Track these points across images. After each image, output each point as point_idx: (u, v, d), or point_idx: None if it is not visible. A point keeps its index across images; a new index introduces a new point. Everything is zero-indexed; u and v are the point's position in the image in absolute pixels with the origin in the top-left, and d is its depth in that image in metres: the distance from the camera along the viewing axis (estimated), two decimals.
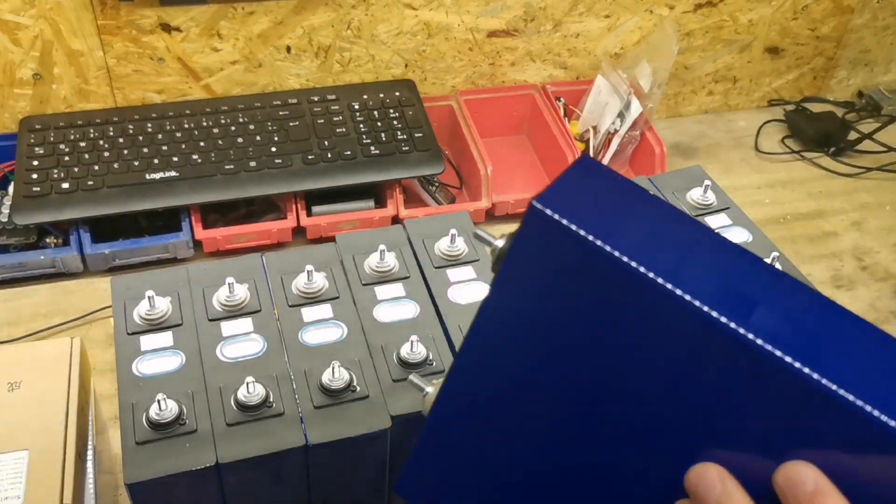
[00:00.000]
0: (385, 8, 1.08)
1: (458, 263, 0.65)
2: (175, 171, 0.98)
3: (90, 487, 0.65)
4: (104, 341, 0.84)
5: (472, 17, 1.12)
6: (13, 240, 0.95)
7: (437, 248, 0.66)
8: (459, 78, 1.18)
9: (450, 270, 0.65)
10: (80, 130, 1.01)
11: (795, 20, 1.24)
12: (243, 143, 1.02)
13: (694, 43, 1.22)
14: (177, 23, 1.03)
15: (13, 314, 0.86)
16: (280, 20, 1.06)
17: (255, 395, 0.54)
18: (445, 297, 0.63)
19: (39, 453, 0.60)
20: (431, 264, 0.65)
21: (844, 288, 0.96)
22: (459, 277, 0.64)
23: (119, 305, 0.60)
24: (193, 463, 0.51)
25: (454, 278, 0.64)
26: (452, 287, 0.63)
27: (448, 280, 0.64)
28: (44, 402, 0.64)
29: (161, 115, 1.04)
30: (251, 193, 0.98)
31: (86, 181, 0.96)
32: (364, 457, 0.56)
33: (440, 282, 0.64)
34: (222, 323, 0.60)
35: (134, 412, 0.53)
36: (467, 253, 0.66)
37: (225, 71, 1.08)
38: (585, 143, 1.13)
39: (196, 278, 0.62)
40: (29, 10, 0.97)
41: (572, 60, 1.20)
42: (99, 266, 0.94)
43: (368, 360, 0.58)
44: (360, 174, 1.01)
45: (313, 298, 0.61)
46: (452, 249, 0.65)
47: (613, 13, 1.17)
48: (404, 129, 1.06)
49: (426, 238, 0.67)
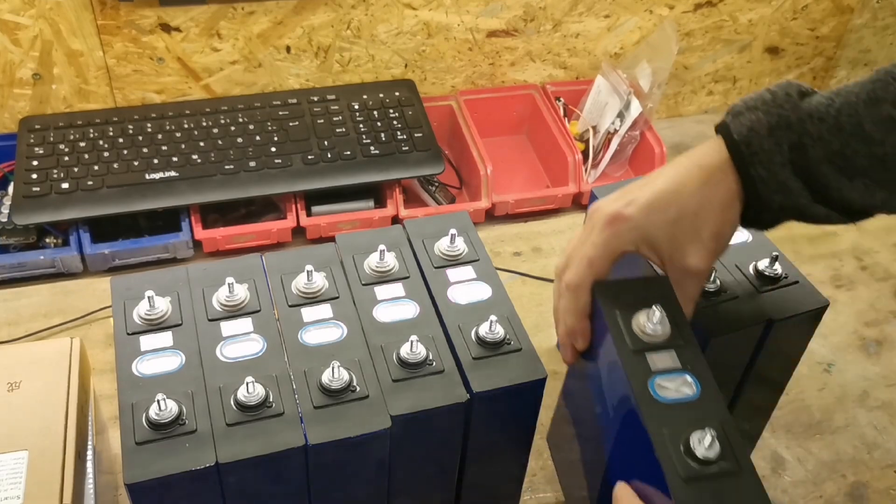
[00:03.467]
0: (385, 8, 1.08)
1: (457, 263, 0.65)
2: (175, 171, 0.98)
3: (90, 487, 0.65)
4: (104, 341, 0.84)
5: (471, 17, 1.12)
6: (13, 240, 0.95)
7: (437, 248, 0.66)
8: (459, 78, 1.18)
9: (449, 270, 0.65)
10: (79, 130, 1.01)
11: (795, 20, 1.24)
12: (243, 143, 1.02)
13: (694, 43, 1.22)
14: (177, 23, 1.03)
15: (13, 314, 0.86)
16: (280, 20, 1.06)
17: (254, 395, 0.54)
18: (445, 296, 0.63)
19: (39, 453, 0.60)
20: (431, 264, 0.65)
21: (844, 288, 0.96)
22: (459, 277, 0.64)
23: (119, 305, 0.60)
24: (193, 463, 0.51)
25: (454, 278, 0.64)
26: (452, 287, 0.63)
27: (448, 280, 0.64)
28: (44, 402, 0.64)
29: (161, 115, 1.04)
30: (251, 193, 0.98)
31: (85, 181, 0.96)
32: (364, 457, 0.56)
33: (440, 282, 0.64)
34: (222, 323, 0.59)
35: (134, 412, 0.53)
36: (467, 253, 0.66)
37: (225, 71, 1.08)
38: (585, 143, 1.13)
39: (196, 278, 0.62)
40: (29, 10, 0.97)
41: (572, 60, 1.20)
42: (99, 266, 0.94)
43: (368, 360, 0.58)
44: (359, 174, 1.01)
45: (313, 298, 0.61)
46: (452, 249, 0.65)
47: (613, 13, 1.17)
48: (404, 129, 1.06)
49: (426, 238, 0.67)
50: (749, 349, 0.64)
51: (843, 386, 0.85)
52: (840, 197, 0.54)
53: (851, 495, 0.75)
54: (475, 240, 0.67)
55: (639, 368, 0.51)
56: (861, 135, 0.52)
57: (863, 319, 0.92)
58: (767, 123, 0.54)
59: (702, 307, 0.62)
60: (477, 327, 0.59)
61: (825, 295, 0.65)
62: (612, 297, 0.55)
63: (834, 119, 0.53)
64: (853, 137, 0.52)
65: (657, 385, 0.50)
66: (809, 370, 0.86)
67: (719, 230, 0.55)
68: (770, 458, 0.78)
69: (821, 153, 0.53)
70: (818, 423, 0.81)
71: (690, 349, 0.52)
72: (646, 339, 0.52)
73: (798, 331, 0.66)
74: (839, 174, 0.53)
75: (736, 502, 0.46)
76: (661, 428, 0.48)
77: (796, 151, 0.53)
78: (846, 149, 0.52)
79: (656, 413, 0.49)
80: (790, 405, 0.82)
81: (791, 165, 0.54)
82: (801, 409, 0.82)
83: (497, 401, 0.57)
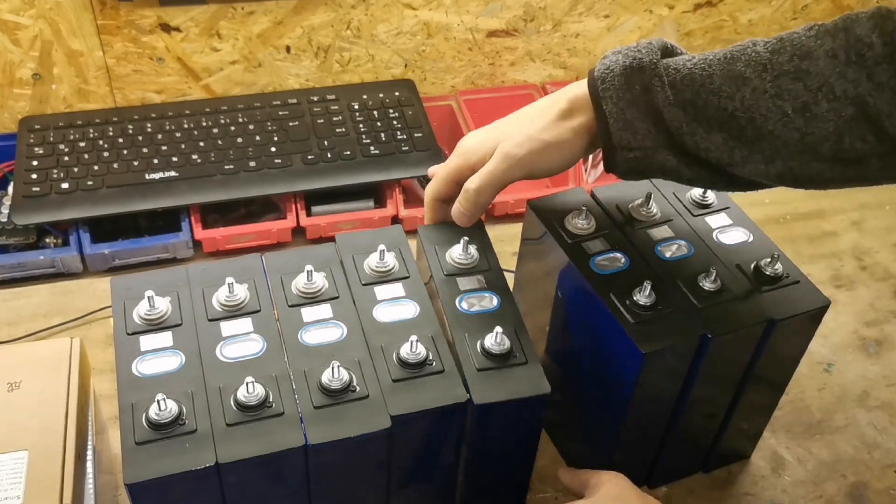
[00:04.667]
0: (385, 8, 1.08)
1: (467, 272, 0.65)
2: (175, 171, 0.98)
3: (90, 488, 0.65)
4: (104, 341, 0.84)
5: (471, 17, 1.12)
6: (13, 240, 0.95)
7: (449, 255, 0.65)
8: (459, 78, 1.18)
9: (459, 279, 0.64)
10: (79, 130, 1.01)
11: (795, 20, 1.24)
12: (243, 143, 1.02)
13: (694, 43, 1.22)
14: (176, 23, 1.03)
15: (13, 314, 0.86)
16: (280, 20, 1.06)
17: (254, 395, 0.54)
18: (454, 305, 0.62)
19: (39, 453, 0.60)
20: (441, 271, 0.65)
21: (844, 288, 0.96)
22: (467, 286, 0.64)
23: (119, 305, 0.60)
24: (193, 463, 0.51)
25: (462, 287, 0.64)
26: (459, 297, 0.63)
27: (458, 288, 0.63)
28: (43, 403, 0.64)
29: (161, 115, 1.04)
30: (251, 193, 0.98)
31: (85, 181, 0.96)
32: (364, 457, 0.56)
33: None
34: (222, 323, 0.59)
35: (134, 412, 0.53)
36: (477, 261, 0.65)
37: (224, 71, 1.08)
38: None
39: (196, 278, 0.62)
40: (28, 10, 0.97)
41: (572, 60, 1.20)
42: (99, 266, 0.94)
43: (368, 360, 0.58)
44: (359, 174, 1.01)
45: (313, 298, 0.61)
46: (465, 257, 0.64)
47: (613, 13, 1.17)
48: (404, 129, 1.06)
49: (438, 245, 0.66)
50: (749, 349, 0.64)
51: (843, 386, 0.85)
52: (695, 145, 0.56)
53: (851, 495, 0.75)
54: (486, 247, 0.66)
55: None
56: (711, 86, 0.55)
57: (863, 319, 0.92)
58: (622, 64, 0.58)
59: (702, 307, 0.62)
60: (482, 339, 0.59)
61: (825, 295, 0.65)
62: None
63: (688, 70, 0.56)
64: (703, 88, 0.55)
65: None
66: (809, 370, 0.86)
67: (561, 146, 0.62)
68: (770, 458, 0.78)
69: (670, 97, 0.56)
70: (818, 423, 0.81)
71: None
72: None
73: (799, 330, 0.66)
74: (693, 122, 0.56)
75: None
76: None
77: (647, 94, 0.57)
78: (697, 99, 0.55)
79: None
80: (790, 405, 0.82)
81: (641, 106, 0.57)
82: (801, 409, 0.82)
83: (499, 413, 0.57)
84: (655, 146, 0.57)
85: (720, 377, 0.66)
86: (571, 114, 0.61)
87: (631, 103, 0.57)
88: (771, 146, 0.55)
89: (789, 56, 0.54)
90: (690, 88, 0.56)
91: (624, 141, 0.58)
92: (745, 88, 0.54)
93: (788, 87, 0.54)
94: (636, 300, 0.61)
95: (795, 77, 0.53)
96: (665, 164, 0.58)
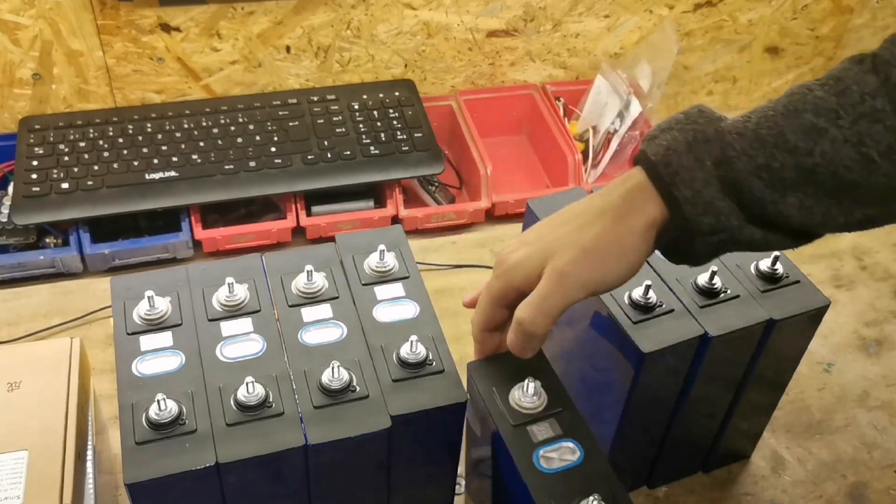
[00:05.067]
0: (385, 8, 1.08)
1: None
2: (175, 171, 0.98)
3: (90, 487, 0.65)
4: (104, 341, 0.84)
5: (471, 17, 1.12)
6: (13, 240, 0.95)
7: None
8: (459, 78, 1.18)
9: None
10: (79, 130, 1.01)
11: (795, 20, 1.24)
12: (243, 143, 1.02)
13: (694, 43, 1.22)
14: (176, 23, 1.03)
15: (13, 314, 0.86)
16: (280, 20, 1.06)
17: (254, 395, 0.54)
18: None
19: (39, 453, 0.60)
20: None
21: (844, 288, 0.96)
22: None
23: (119, 305, 0.60)
24: (193, 463, 0.51)
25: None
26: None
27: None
28: (43, 403, 0.64)
29: (161, 115, 1.04)
30: (251, 193, 0.98)
31: (85, 181, 0.96)
32: (364, 457, 0.56)
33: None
34: (222, 323, 0.59)
35: (134, 412, 0.53)
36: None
37: (224, 71, 1.08)
38: (585, 143, 1.13)
39: (196, 278, 0.62)
40: (29, 10, 0.97)
41: (572, 60, 1.20)
42: (99, 266, 0.94)
43: (368, 360, 0.58)
44: (359, 174, 1.01)
45: (313, 298, 0.61)
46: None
47: (613, 13, 1.17)
48: (404, 129, 1.06)
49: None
50: (750, 349, 0.64)
51: (843, 386, 0.85)
52: (777, 214, 0.50)
53: (851, 495, 0.75)
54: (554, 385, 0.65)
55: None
56: (785, 146, 0.49)
57: (863, 319, 0.92)
58: (685, 140, 0.50)
59: (702, 307, 0.62)
60: None
61: (825, 295, 0.65)
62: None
63: (753, 132, 0.49)
64: (777, 149, 0.49)
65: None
66: (809, 370, 0.86)
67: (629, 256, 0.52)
68: (770, 458, 0.78)
69: (748, 166, 0.49)
70: (818, 423, 0.81)
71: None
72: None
73: (799, 330, 0.66)
74: (771, 190, 0.49)
75: None
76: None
77: (721, 167, 0.49)
78: (772, 161, 0.49)
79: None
80: (790, 405, 0.82)
81: (717, 183, 0.49)
82: (801, 409, 0.82)
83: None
84: (740, 224, 0.50)
85: (720, 377, 0.66)
86: (630, 211, 0.51)
87: (707, 183, 0.49)
88: (850, 196, 0.50)
89: (859, 97, 0.48)
90: (763, 152, 0.49)
91: (706, 226, 0.50)
92: (822, 141, 0.48)
93: (869, 131, 0.48)
94: (636, 300, 0.61)
95: (873, 119, 0.48)
96: (752, 238, 0.51)
